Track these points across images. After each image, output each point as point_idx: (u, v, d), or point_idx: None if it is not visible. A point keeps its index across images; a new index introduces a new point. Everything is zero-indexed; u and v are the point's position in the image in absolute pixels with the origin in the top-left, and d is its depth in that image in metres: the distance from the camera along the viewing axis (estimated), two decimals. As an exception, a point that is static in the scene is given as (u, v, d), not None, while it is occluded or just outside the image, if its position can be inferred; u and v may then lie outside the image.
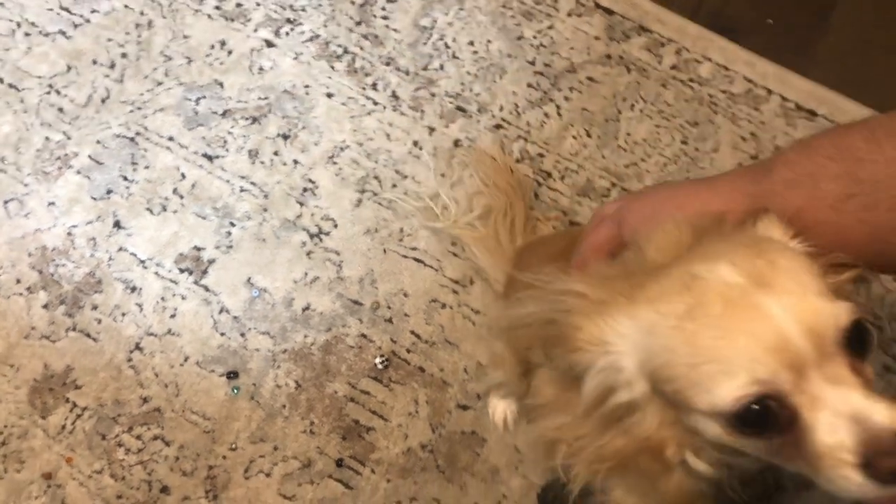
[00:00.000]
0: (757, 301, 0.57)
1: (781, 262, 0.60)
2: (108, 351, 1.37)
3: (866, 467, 0.54)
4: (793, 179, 0.66)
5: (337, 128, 1.44)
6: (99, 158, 1.44)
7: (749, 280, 0.58)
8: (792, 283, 0.58)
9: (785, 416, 0.56)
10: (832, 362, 0.57)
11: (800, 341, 0.56)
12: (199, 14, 1.50)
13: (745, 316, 0.57)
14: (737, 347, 0.57)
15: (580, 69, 1.46)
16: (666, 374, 0.61)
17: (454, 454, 1.33)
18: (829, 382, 0.56)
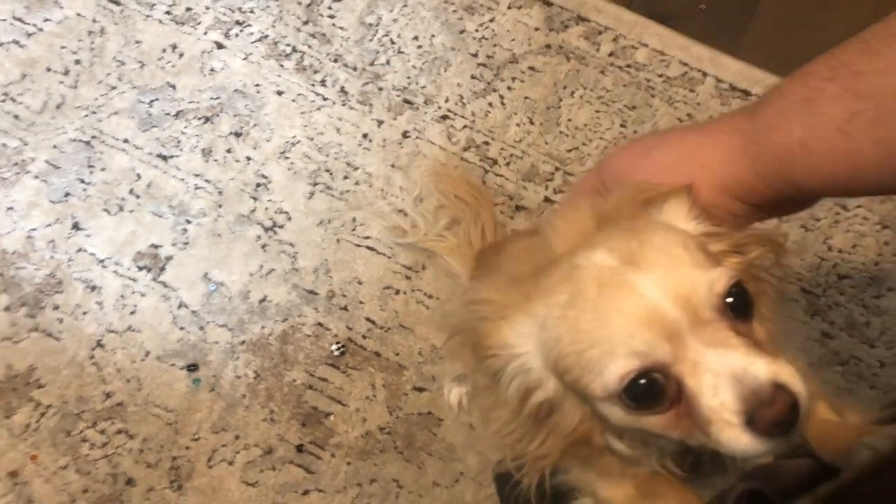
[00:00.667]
0: (627, 279, 0.58)
1: (654, 239, 0.60)
2: (70, 349, 1.40)
3: (751, 424, 0.54)
4: (788, 108, 0.60)
5: (288, 124, 1.48)
6: (56, 163, 1.47)
7: (621, 261, 0.59)
8: (662, 258, 0.58)
9: (672, 387, 0.57)
10: (711, 327, 0.57)
11: (672, 311, 0.56)
12: (150, 19, 1.54)
13: (617, 295, 0.58)
14: (613, 327, 0.57)
15: (521, 59, 1.51)
16: (562, 366, 0.61)
17: (412, 435, 1.37)
18: (709, 346, 0.56)
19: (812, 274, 1.41)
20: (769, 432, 0.54)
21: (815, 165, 0.59)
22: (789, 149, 0.60)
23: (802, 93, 0.60)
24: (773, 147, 0.61)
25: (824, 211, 1.43)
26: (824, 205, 1.43)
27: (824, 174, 0.59)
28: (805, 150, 0.59)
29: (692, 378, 0.56)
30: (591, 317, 0.58)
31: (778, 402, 0.54)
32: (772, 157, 0.61)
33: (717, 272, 0.58)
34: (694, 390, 0.56)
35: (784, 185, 0.62)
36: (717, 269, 0.59)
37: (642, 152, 0.69)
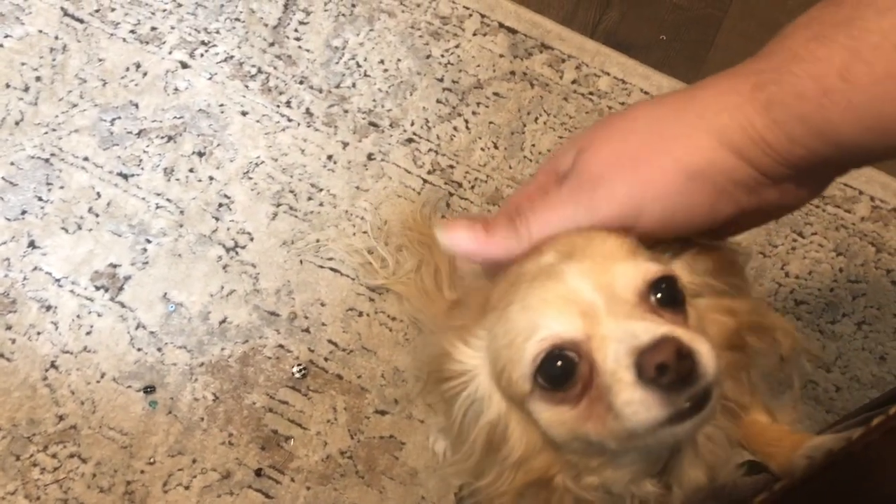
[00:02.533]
0: (555, 270, 0.56)
1: (595, 238, 0.57)
2: (22, 370, 1.36)
3: (640, 377, 0.51)
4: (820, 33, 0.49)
5: (252, 144, 1.48)
6: (13, 180, 1.45)
7: (559, 257, 0.57)
8: (598, 253, 0.56)
9: (585, 365, 0.54)
10: (626, 307, 0.55)
11: (590, 294, 0.55)
12: (114, 38, 1.53)
13: (543, 285, 0.57)
14: (533, 312, 0.56)
15: (486, 85, 1.53)
16: (499, 367, 0.60)
17: (373, 459, 1.35)
18: (616, 321, 0.54)
19: (770, 299, 1.44)
20: (659, 382, 0.50)
21: (861, 102, 0.47)
22: (823, 82, 0.48)
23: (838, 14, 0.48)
24: (797, 84, 0.49)
25: (781, 238, 1.46)
26: (781, 232, 1.46)
27: (873, 114, 0.47)
28: (847, 82, 0.47)
29: (599, 353, 0.54)
30: (518, 307, 0.57)
31: (663, 347, 0.51)
32: (796, 98, 0.49)
33: (647, 265, 0.56)
34: (600, 364, 0.54)
35: (812, 136, 0.50)
36: (648, 263, 0.56)
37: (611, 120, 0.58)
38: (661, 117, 0.54)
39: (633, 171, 0.53)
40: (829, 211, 1.47)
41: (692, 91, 0.54)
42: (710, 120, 0.52)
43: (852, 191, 1.48)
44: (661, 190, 0.53)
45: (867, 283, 1.44)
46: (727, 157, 0.52)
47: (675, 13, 1.59)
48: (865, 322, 1.43)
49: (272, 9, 1.55)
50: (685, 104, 0.54)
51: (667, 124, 0.54)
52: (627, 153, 0.54)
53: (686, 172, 0.52)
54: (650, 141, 0.54)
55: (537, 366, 0.55)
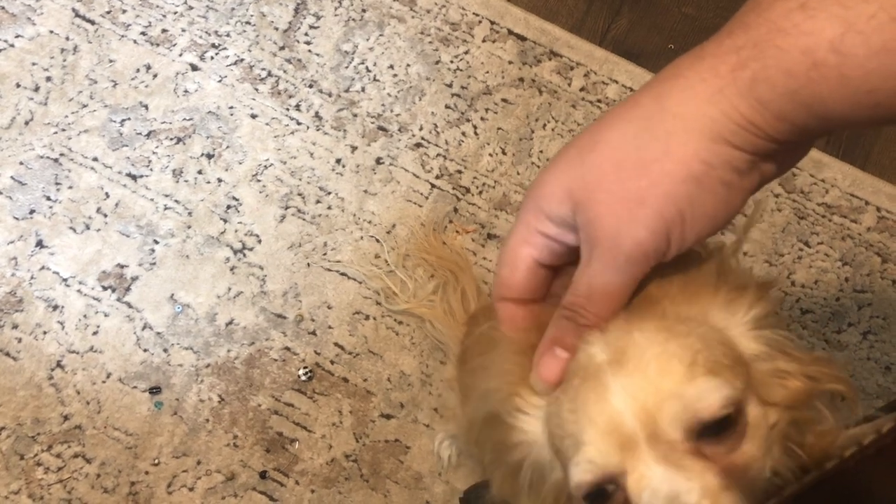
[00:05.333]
0: (602, 380, 0.54)
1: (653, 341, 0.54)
2: (28, 370, 1.36)
3: None
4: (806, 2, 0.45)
5: (261, 147, 1.48)
6: (22, 179, 1.45)
7: (609, 357, 0.55)
8: (651, 365, 0.54)
9: (621, 496, 0.54)
10: (669, 444, 0.53)
11: (631, 423, 0.53)
12: (125, 39, 1.53)
13: (589, 394, 0.55)
14: (579, 425, 0.55)
15: (495, 91, 1.53)
16: (555, 446, 0.59)
17: (378, 463, 1.35)
18: (658, 462, 0.53)
19: (776, 308, 1.44)
20: None
21: (855, 76, 0.44)
22: (813, 56, 0.45)
23: None
24: (783, 59, 0.46)
25: (787, 247, 1.47)
26: (787, 241, 1.47)
27: (867, 87, 0.45)
28: (839, 54, 0.44)
29: (635, 490, 0.53)
30: (569, 407, 0.56)
31: None
32: (783, 74, 0.46)
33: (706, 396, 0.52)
34: (634, 498, 0.53)
35: (800, 112, 0.47)
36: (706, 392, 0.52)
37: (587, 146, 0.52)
38: (640, 135, 0.50)
39: (641, 208, 0.50)
40: (835, 221, 1.48)
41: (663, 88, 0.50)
42: (692, 119, 0.48)
43: (858, 201, 1.49)
44: (677, 211, 0.50)
45: (873, 292, 1.45)
46: (721, 151, 0.49)
47: (683, 22, 1.60)
48: (871, 332, 1.43)
49: (283, 13, 1.56)
50: (659, 110, 0.49)
51: (649, 141, 0.50)
52: (629, 189, 0.50)
53: (689, 184, 0.50)
54: (641, 169, 0.50)
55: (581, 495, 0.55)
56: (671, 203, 0.50)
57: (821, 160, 1.50)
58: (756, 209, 0.65)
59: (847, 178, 1.50)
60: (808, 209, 1.48)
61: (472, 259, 1.44)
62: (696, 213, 0.51)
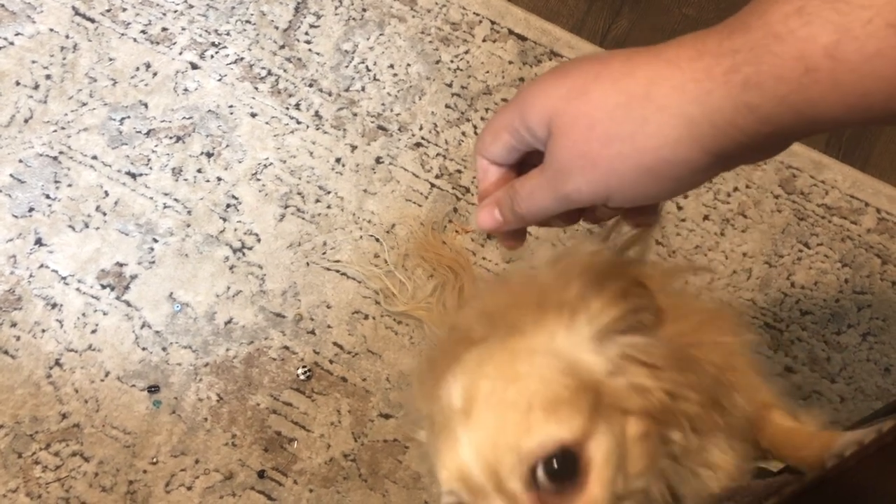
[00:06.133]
0: (454, 430, 0.58)
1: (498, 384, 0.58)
2: (26, 368, 1.36)
3: None
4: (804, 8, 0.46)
5: (260, 146, 1.48)
6: (21, 177, 1.45)
7: (461, 405, 0.58)
8: (492, 414, 0.57)
9: None
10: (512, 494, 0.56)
11: (478, 476, 0.56)
12: (125, 38, 1.53)
13: (445, 444, 0.59)
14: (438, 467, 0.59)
15: (495, 91, 1.53)
16: None
17: (376, 462, 1.35)
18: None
19: (775, 309, 1.44)
20: None
21: (848, 80, 0.45)
22: (806, 62, 0.45)
23: None
24: (778, 65, 0.46)
25: (787, 248, 1.46)
26: (787, 242, 1.47)
27: (859, 92, 0.45)
28: (834, 60, 0.45)
29: None
30: (433, 449, 0.61)
31: None
32: (776, 79, 0.46)
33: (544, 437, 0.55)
34: None
35: (790, 116, 0.47)
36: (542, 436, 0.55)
37: (578, 89, 0.55)
38: (619, 108, 0.52)
39: (592, 169, 0.54)
40: (834, 222, 1.48)
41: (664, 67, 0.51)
42: (671, 114, 0.50)
43: (858, 202, 1.49)
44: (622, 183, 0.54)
45: (873, 294, 1.45)
46: (684, 152, 0.51)
47: (684, 23, 1.60)
48: (871, 333, 1.43)
49: (283, 12, 1.56)
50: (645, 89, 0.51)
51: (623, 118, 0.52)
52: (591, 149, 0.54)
53: (646, 169, 0.52)
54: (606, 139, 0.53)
55: None
56: (617, 179, 0.53)
57: (821, 161, 1.50)
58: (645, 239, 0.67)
59: (847, 180, 1.50)
60: (808, 210, 1.48)
61: (471, 259, 1.43)
62: (638, 192, 0.54)
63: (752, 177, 1.49)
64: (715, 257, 1.45)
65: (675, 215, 1.47)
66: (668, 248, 1.45)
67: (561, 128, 0.55)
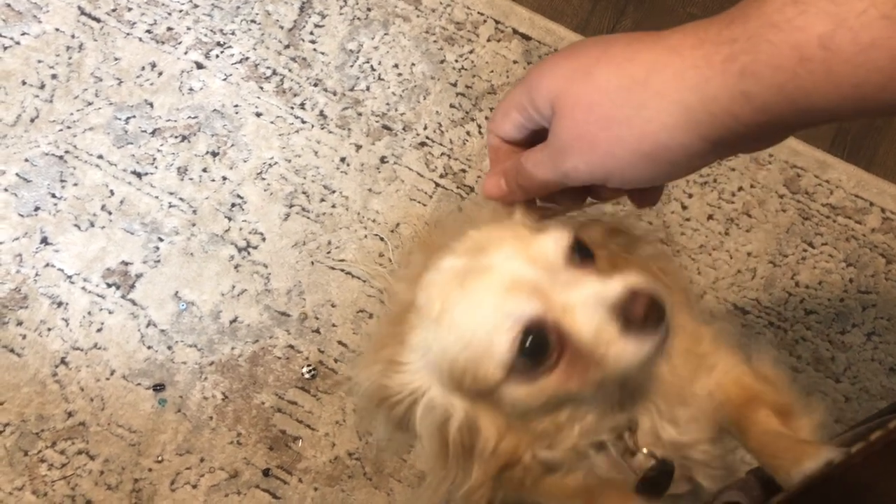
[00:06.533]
0: (481, 265, 0.62)
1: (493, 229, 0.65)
2: (32, 366, 1.36)
3: (626, 327, 0.58)
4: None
5: (265, 145, 1.48)
6: (27, 176, 1.45)
7: (470, 256, 0.63)
8: (506, 237, 0.63)
9: (554, 335, 0.60)
10: (564, 275, 0.61)
11: (529, 271, 0.60)
12: (131, 37, 1.54)
13: (478, 281, 0.61)
14: (485, 307, 0.61)
15: (500, 91, 1.53)
16: (457, 374, 0.63)
17: (381, 461, 1.35)
18: (568, 289, 0.60)
19: (780, 308, 1.44)
20: (643, 327, 0.58)
21: (842, 71, 0.46)
22: (801, 51, 0.46)
23: None
24: (774, 54, 0.47)
25: (791, 248, 1.46)
26: (791, 241, 1.47)
27: (853, 82, 0.46)
28: (828, 50, 0.46)
29: (567, 319, 0.59)
30: (464, 309, 0.62)
31: (639, 297, 0.58)
32: (772, 69, 0.48)
33: (556, 233, 0.63)
34: (571, 328, 0.59)
35: (785, 105, 0.49)
36: (554, 231, 0.63)
37: (582, 70, 0.57)
38: (620, 92, 0.54)
39: (591, 151, 0.57)
40: (839, 222, 1.48)
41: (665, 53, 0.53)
42: (669, 101, 0.52)
43: (863, 202, 1.49)
44: (620, 166, 0.57)
45: (877, 293, 1.45)
46: (685, 137, 0.53)
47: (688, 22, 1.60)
48: (875, 333, 1.43)
49: (288, 11, 1.56)
50: (646, 74, 0.53)
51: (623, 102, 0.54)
52: (590, 131, 0.56)
53: (643, 154, 0.55)
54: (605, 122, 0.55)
55: (515, 351, 0.59)
56: (615, 161, 0.56)
57: (825, 161, 1.50)
58: None
59: (852, 179, 1.50)
60: (813, 210, 1.48)
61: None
62: (636, 175, 0.57)
63: (756, 176, 1.49)
64: (719, 256, 1.45)
65: (680, 214, 1.47)
66: (673, 248, 1.45)
67: (563, 108, 0.58)
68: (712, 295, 1.43)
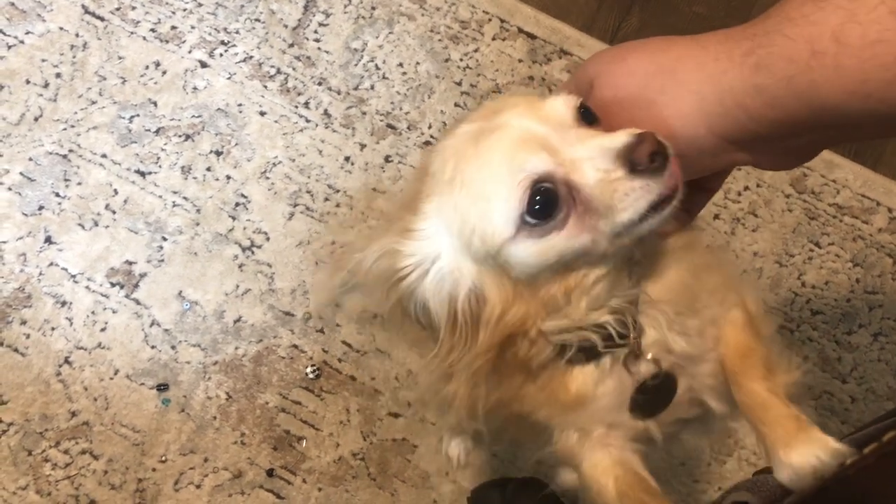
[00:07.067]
0: (495, 124, 0.63)
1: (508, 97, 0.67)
2: (36, 365, 1.36)
3: (634, 171, 0.58)
4: None
5: (269, 144, 1.48)
6: (31, 175, 1.45)
7: (485, 119, 0.64)
8: (520, 101, 0.65)
9: (563, 190, 0.60)
10: (573, 132, 0.62)
11: (540, 128, 0.61)
12: (135, 36, 1.53)
13: (491, 138, 0.63)
14: (496, 162, 0.62)
15: (504, 89, 1.53)
16: (468, 231, 0.64)
17: (385, 461, 1.34)
18: (577, 144, 0.61)
19: (786, 308, 1.43)
20: (650, 167, 0.57)
21: (850, 64, 0.47)
22: (814, 45, 0.48)
23: None
24: (789, 46, 0.50)
25: (798, 248, 1.46)
26: (798, 241, 1.46)
27: (859, 77, 0.47)
28: (839, 44, 0.47)
29: (576, 173, 0.60)
30: (476, 166, 0.63)
31: (644, 141, 0.57)
32: (786, 61, 0.50)
33: (568, 97, 0.64)
34: (580, 181, 0.60)
35: (793, 98, 0.51)
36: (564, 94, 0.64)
37: (619, 56, 0.63)
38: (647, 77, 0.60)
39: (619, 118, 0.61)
40: (846, 222, 1.47)
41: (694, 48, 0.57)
42: (687, 91, 0.56)
43: (870, 202, 1.48)
44: None
45: (884, 294, 1.44)
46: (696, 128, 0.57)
47: (694, 22, 1.59)
48: (882, 333, 1.42)
49: (292, 10, 1.56)
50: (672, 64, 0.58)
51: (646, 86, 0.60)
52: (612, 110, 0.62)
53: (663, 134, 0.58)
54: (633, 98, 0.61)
55: (525, 205, 0.60)
56: None
57: (832, 160, 1.49)
58: None
59: (858, 179, 1.49)
60: (819, 210, 1.47)
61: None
62: None
63: (762, 176, 1.48)
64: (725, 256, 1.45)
65: (686, 214, 1.46)
66: (678, 248, 1.44)
67: (597, 87, 0.64)
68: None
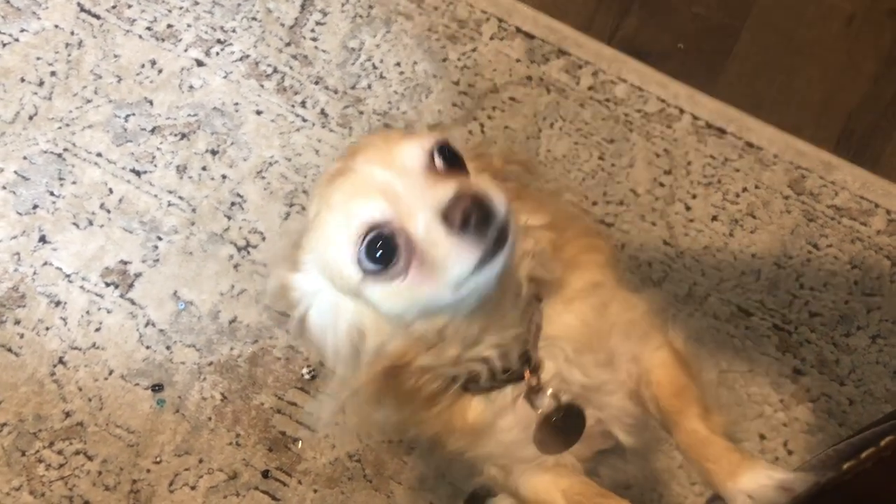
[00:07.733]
0: (346, 167, 0.65)
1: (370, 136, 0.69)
2: (30, 365, 1.35)
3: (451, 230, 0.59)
4: None
5: (266, 144, 1.47)
6: (25, 174, 1.44)
7: (345, 160, 0.66)
8: (377, 143, 0.65)
9: (402, 238, 0.61)
10: (419, 179, 0.62)
11: (384, 174, 0.61)
12: (130, 34, 1.52)
13: (337, 182, 0.64)
14: (337, 207, 0.63)
15: (502, 89, 1.52)
16: (329, 271, 0.66)
17: (381, 463, 1.34)
18: (418, 193, 0.61)
19: (784, 310, 1.42)
20: (466, 228, 0.58)
21: None
22: None
23: None
24: None
25: (797, 249, 1.45)
26: (796, 243, 1.45)
27: None
28: None
29: (410, 223, 0.61)
30: (326, 209, 0.65)
31: (460, 200, 0.59)
32: None
33: (423, 138, 0.64)
34: (414, 233, 0.61)
35: None
36: (424, 137, 0.64)
37: None
38: None
39: None
40: (844, 224, 1.46)
41: None
42: None
43: (868, 204, 1.47)
44: None
45: (882, 296, 1.43)
46: None
47: (693, 22, 1.59)
48: (880, 335, 1.41)
49: (289, 9, 1.55)
50: None
51: None
52: None
53: None
54: None
55: (360, 251, 0.62)
56: None
57: (830, 162, 1.49)
58: None
59: (857, 181, 1.48)
60: (818, 211, 1.47)
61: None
62: None
63: (761, 177, 1.48)
64: (724, 258, 1.44)
65: (684, 215, 1.45)
66: (677, 249, 1.44)
67: None
68: (716, 297, 1.41)
